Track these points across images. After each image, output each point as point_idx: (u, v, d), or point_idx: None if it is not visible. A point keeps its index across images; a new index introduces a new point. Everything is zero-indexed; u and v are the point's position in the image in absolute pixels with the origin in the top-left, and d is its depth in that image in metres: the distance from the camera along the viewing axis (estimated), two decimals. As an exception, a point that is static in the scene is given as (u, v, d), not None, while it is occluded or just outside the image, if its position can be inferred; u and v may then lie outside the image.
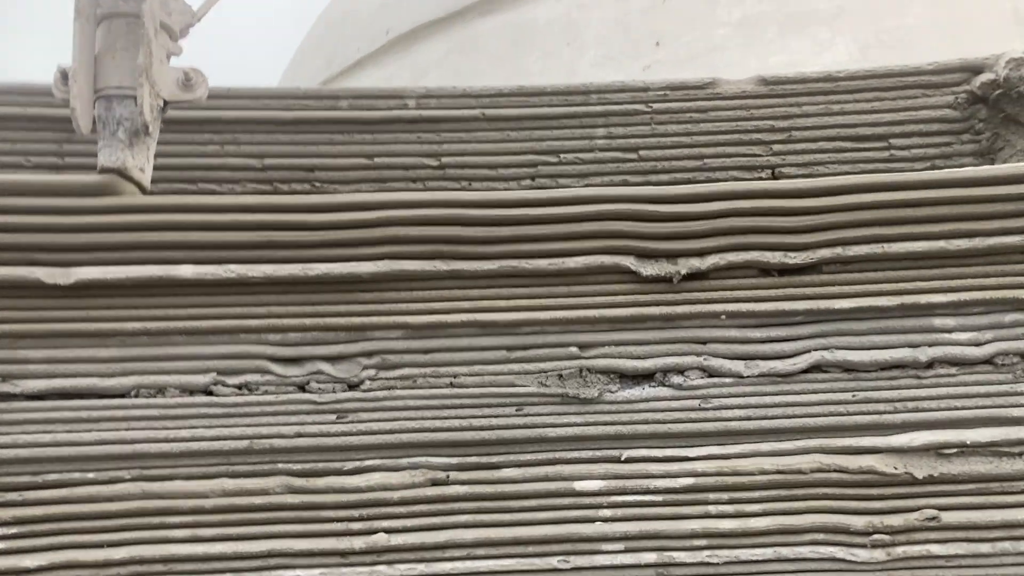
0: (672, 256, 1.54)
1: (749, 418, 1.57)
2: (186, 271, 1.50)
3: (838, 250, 1.52)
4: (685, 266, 1.54)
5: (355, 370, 1.57)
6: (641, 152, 1.93)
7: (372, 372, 1.57)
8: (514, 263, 1.53)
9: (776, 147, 1.92)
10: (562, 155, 1.93)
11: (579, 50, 4.00)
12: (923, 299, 1.53)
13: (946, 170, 1.50)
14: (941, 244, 1.51)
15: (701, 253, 1.54)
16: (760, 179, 1.93)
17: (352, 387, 1.58)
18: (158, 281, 1.50)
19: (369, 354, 1.56)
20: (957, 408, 1.56)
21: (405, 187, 1.92)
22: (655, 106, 1.93)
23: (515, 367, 1.58)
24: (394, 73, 4.99)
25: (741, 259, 1.53)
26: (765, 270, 1.55)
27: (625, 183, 1.93)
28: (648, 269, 1.54)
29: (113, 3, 1.49)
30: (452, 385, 1.57)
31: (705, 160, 1.93)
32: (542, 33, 4.20)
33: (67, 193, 1.47)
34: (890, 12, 3.48)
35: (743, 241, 1.53)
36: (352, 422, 1.56)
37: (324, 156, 1.90)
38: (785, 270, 1.55)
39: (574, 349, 1.57)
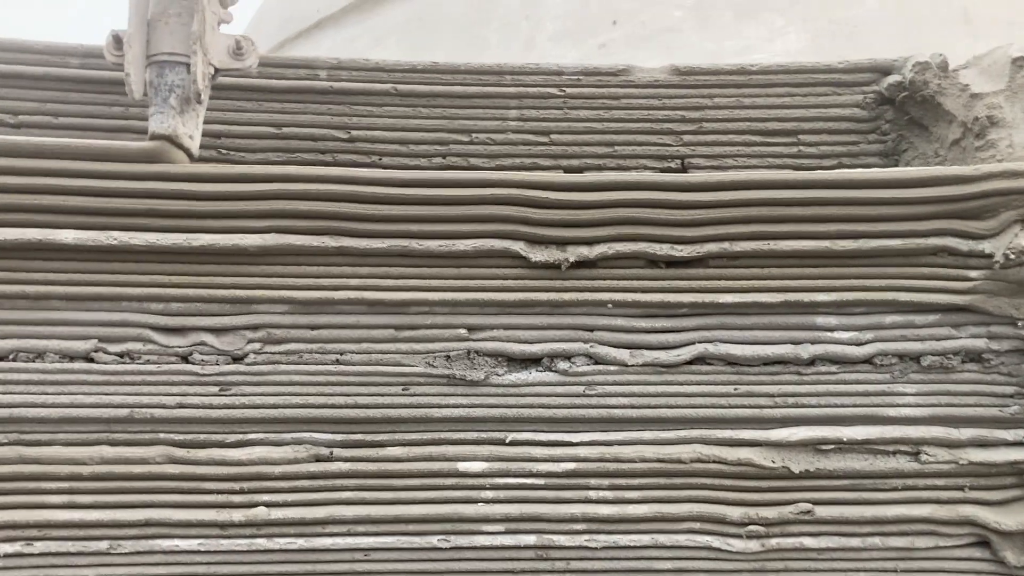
0: (562, 243, 1.54)
1: (632, 406, 1.58)
2: (67, 236, 1.47)
3: (725, 245, 1.53)
4: (574, 254, 1.54)
5: (239, 343, 1.55)
6: (553, 136, 1.93)
7: (257, 346, 1.56)
8: (404, 243, 1.52)
9: (686, 138, 1.92)
10: (474, 135, 1.92)
11: (537, 24, 3.97)
12: (807, 297, 1.55)
13: (834, 172, 1.51)
14: (826, 244, 1.52)
15: (590, 242, 1.54)
16: (669, 169, 1.94)
17: (236, 360, 1.57)
18: (38, 245, 1.47)
19: (254, 327, 1.55)
20: (836, 405, 1.58)
21: (314, 159, 1.90)
22: (569, 90, 1.92)
23: (402, 347, 1.58)
24: (354, 36, 4.90)
25: (629, 249, 1.53)
26: (653, 261, 1.56)
27: (536, 167, 1.92)
28: (538, 255, 1.54)
29: (167, -30, 1.47)
30: (338, 362, 1.57)
31: (615, 147, 1.93)
32: (503, 5, 4.16)
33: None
34: (843, 3, 3.48)
35: (632, 232, 1.53)
36: (235, 395, 1.56)
37: (231, 123, 1.87)
38: (672, 262, 1.56)
39: (462, 331, 1.58)
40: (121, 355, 1.53)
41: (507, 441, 1.57)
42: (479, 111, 1.92)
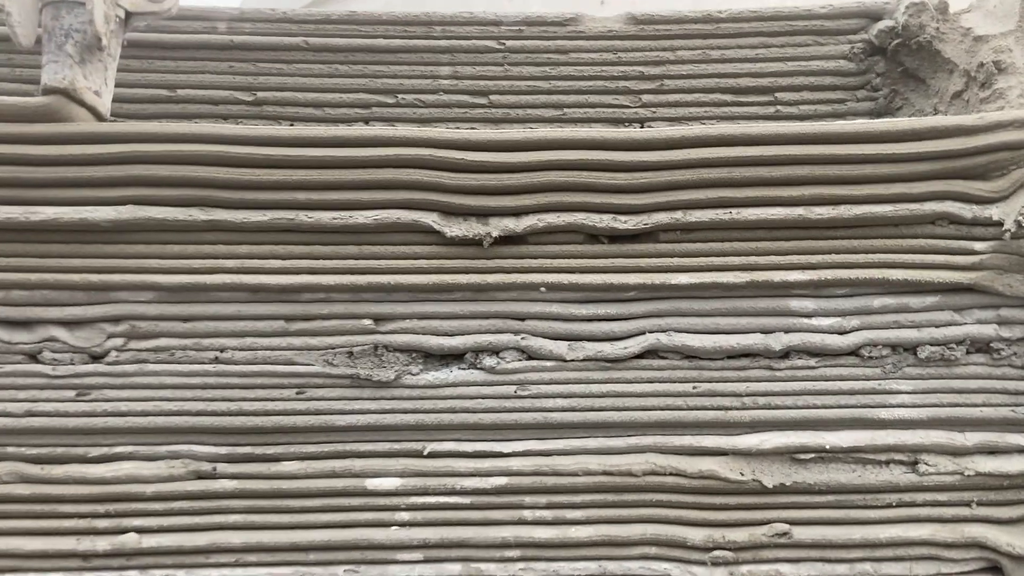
0: (482, 215, 1.29)
1: (573, 409, 1.34)
2: None
3: (678, 215, 1.28)
4: (498, 227, 1.28)
5: (98, 338, 1.30)
6: (492, 97, 1.67)
7: (119, 341, 1.30)
8: (290, 215, 1.27)
9: (646, 97, 1.66)
10: (400, 95, 1.66)
11: None
12: (778, 276, 1.29)
13: (807, 124, 1.25)
14: (800, 212, 1.27)
15: (516, 213, 1.29)
16: (627, 133, 1.67)
17: (95, 358, 1.32)
18: None
19: (115, 319, 1.30)
20: (816, 406, 1.34)
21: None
22: (509, 43, 1.67)
23: (295, 341, 1.32)
24: None
25: (563, 221, 1.28)
26: (593, 236, 1.31)
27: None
28: (454, 229, 1.28)
29: None
30: (218, 360, 1.32)
31: (565, 110, 1.67)
32: None
33: None
34: None
35: (566, 200, 1.28)
36: (96, 400, 1.31)
37: (116, 85, 1.61)
38: (615, 236, 1.30)
39: (367, 322, 1.32)
40: (-46, 354, 1.28)
41: (425, 453, 1.33)
42: (406, 68, 1.67)
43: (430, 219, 1.28)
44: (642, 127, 1.67)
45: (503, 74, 1.67)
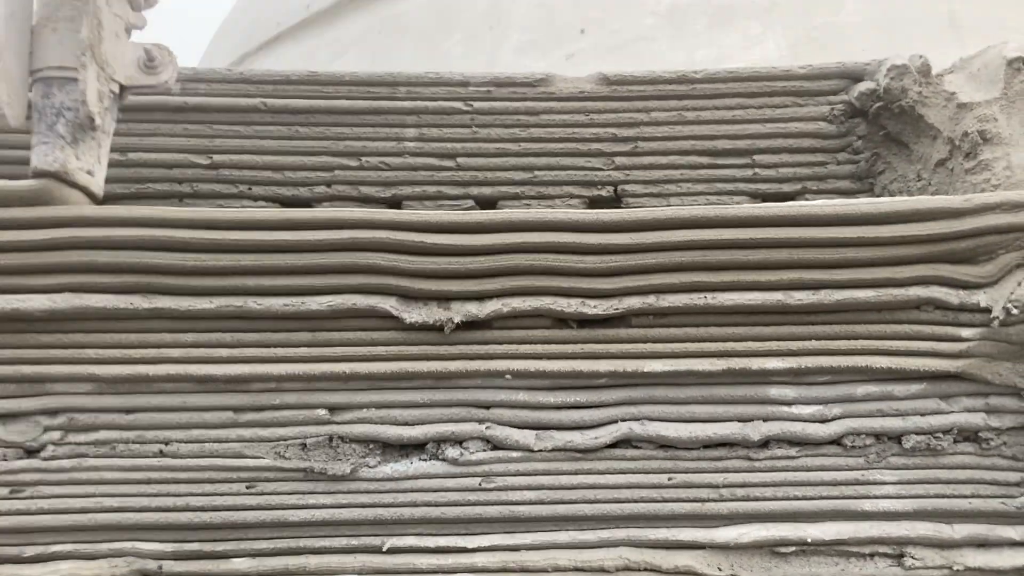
0: (444, 300, 1.22)
1: (541, 501, 1.26)
2: None
3: (650, 299, 1.21)
4: (460, 312, 1.21)
5: (34, 432, 1.22)
6: (460, 159, 1.60)
7: (57, 435, 1.22)
8: (238, 301, 1.19)
9: (619, 160, 1.60)
10: (364, 158, 1.59)
11: (502, 34, 3.71)
12: (756, 363, 1.22)
13: (786, 205, 1.18)
14: (779, 297, 1.20)
15: (480, 297, 1.21)
16: (600, 197, 1.61)
17: (31, 453, 1.24)
18: None
19: (51, 412, 1.22)
20: (797, 497, 1.27)
21: (169, 189, 1.57)
22: (476, 105, 1.60)
23: (245, 433, 1.24)
24: (313, 49, 4.64)
25: (530, 306, 1.21)
26: (561, 320, 1.24)
27: (441, 195, 1.59)
28: (413, 315, 1.21)
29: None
30: (162, 454, 1.24)
31: (535, 172, 1.60)
32: (466, 15, 3.90)
33: None
34: (823, 8, 3.25)
35: (532, 284, 1.21)
36: (32, 497, 1.23)
37: (64, 149, 1.53)
38: (585, 321, 1.23)
39: (322, 412, 1.24)
40: None
41: (384, 548, 1.26)
42: (369, 130, 1.60)
43: (388, 304, 1.21)
44: (616, 191, 1.61)
45: (471, 136, 1.61)
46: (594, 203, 1.62)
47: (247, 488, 1.25)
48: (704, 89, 1.60)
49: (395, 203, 1.61)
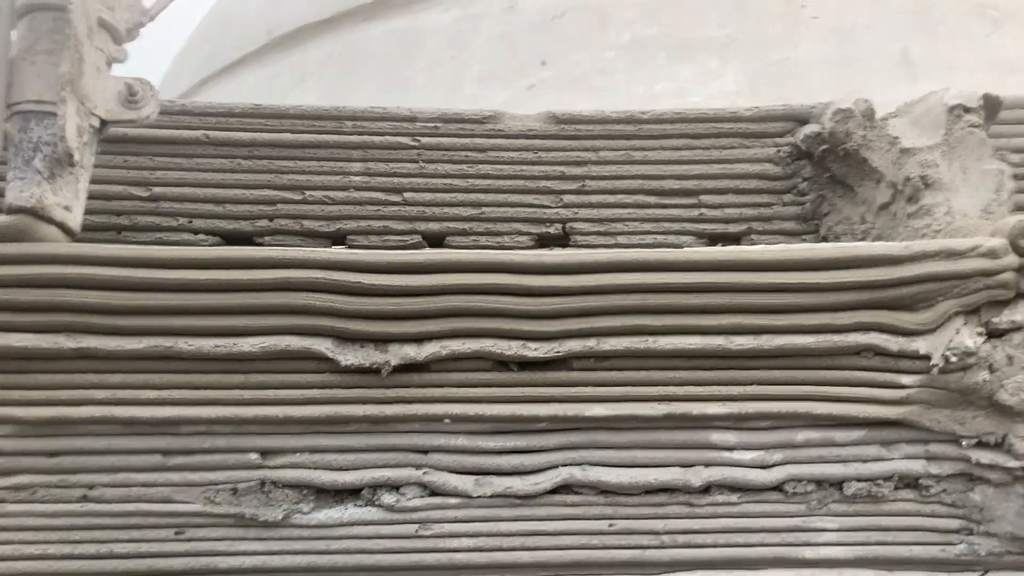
0: (381, 342, 1.19)
1: (479, 549, 1.24)
2: None
3: (591, 342, 1.19)
4: (397, 355, 1.18)
5: (-52, 476, 1.17)
6: (406, 195, 1.58)
7: (-27, 479, 1.17)
8: (167, 342, 1.16)
9: (567, 198, 1.59)
10: (308, 192, 1.56)
11: (464, 64, 3.71)
12: (697, 408, 1.21)
13: (728, 250, 1.18)
14: (719, 341, 1.19)
15: (418, 339, 1.19)
16: (548, 235, 1.59)
17: (-55, 498, 1.18)
18: None
19: (-32, 455, 1.16)
20: (738, 544, 1.26)
21: (107, 221, 1.53)
22: (424, 140, 1.58)
23: (173, 477, 1.21)
24: (275, 74, 4.60)
25: (469, 348, 1.19)
26: (501, 363, 1.22)
27: (387, 229, 1.57)
28: (349, 357, 1.18)
29: (34, -11, 1.14)
30: (86, 499, 1.20)
31: (483, 209, 1.58)
32: (429, 43, 3.89)
33: None
34: (780, 44, 3.29)
35: (472, 326, 1.19)
36: (-55, 544, 1.17)
37: (-3, 179, 1.49)
38: (526, 364, 1.21)
39: (253, 456, 1.21)
40: None
41: (317, 597, 1.20)
42: (314, 163, 1.57)
43: (323, 346, 1.18)
44: (564, 229, 1.59)
45: (418, 171, 1.59)
46: (543, 240, 1.61)
47: (175, 534, 1.21)
48: (651, 129, 1.59)
49: (339, 238, 1.58)
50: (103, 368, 1.17)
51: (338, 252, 1.17)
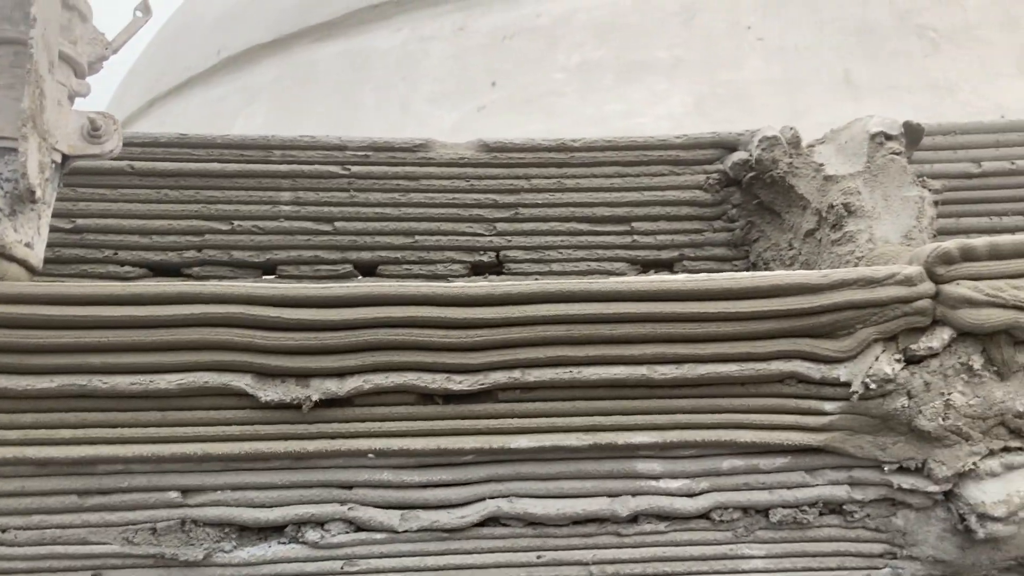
0: (302, 377, 1.17)
1: (407, 584, 1.21)
2: None
3: (516, 374, 1.19)
4: (319, 390, 1.17)
5: None
6: (337, 224, 1.57)
7: None
8: (82, 380, 1.13)
9: (500, 225, 1.59)
10: (236, 222, 1.54)
11: (414, 85, 3.72)
12: (622, 438, 1.21)
13: (649, 279, 1.18)
14: (643, 371, 1.19)
15: (340, 373, 1.17)
16: (482, 263, 1.59)
17: None
18: None
19: None
20: (667, 573, 1.25)
21: (29, 255, 1.49)
22: (354, 169, 1.57)
23: (90, 518, 1.17)
24: (224, 94, 4.57)
25: (392, 382, 1.17)
26: (426, 396, 1.20)
27: (318, 259, 1.56)
28: (269, 393, 1.16)
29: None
30: (-2, 542, 1.15)
31: (416, 237, 1.57)
32: (379, 64, 3.90)
33: None
34: (726, 66, 3.35)
35: (395, 359, 1.17)
36: None
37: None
38: (450, 397, 1.20)
39: (173, 495, 1.18)
40: None
41: (240, 637, 1.17)
42: (243, 193, 1.56)
43: (243, 382, 1.16)
44: (498, 256, 1.60)
45: (349, 200, 1.58)
46: (476, 268, 1.61)
47: (91, 577, 1.17)
48: (583, 157, 1.60)
49: (270, 268, 1.56)
50: (14, 408, 1.14)
51: (257, 286, 1.15)
